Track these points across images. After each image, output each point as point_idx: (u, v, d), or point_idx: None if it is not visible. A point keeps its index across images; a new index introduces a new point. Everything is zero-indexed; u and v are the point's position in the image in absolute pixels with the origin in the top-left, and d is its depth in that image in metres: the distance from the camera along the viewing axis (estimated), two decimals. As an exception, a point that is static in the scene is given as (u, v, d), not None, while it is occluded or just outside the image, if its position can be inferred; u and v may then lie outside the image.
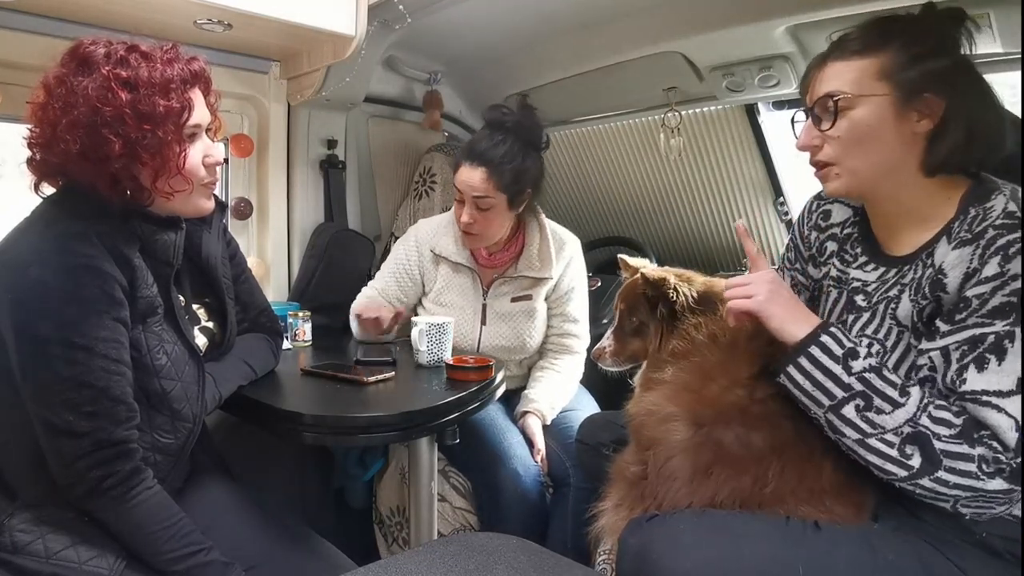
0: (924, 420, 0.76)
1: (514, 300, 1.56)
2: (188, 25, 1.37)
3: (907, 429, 0.76)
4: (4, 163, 1.58)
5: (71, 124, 0.83)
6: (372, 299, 1.58)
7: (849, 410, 0.79)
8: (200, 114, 0.92)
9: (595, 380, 1.77)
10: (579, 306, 1.63)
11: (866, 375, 0.79)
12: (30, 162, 0.89)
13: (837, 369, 0.80)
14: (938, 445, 0.75)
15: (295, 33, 1.44)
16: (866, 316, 0.89)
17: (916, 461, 0.75)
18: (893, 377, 0.79)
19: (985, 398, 0.74)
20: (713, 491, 0.89)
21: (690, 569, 0.79)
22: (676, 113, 1.76)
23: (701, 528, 0.83)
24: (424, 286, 1.60)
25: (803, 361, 0.82)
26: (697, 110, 1.83)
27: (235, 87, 1.68)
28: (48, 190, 0.91)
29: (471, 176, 1.43)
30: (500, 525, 1.39)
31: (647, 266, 1.18)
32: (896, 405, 0.77)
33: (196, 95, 0.92)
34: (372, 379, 1.19)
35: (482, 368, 1.23)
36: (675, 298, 1.05)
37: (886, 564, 0.77)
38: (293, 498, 1.53)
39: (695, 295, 1.05)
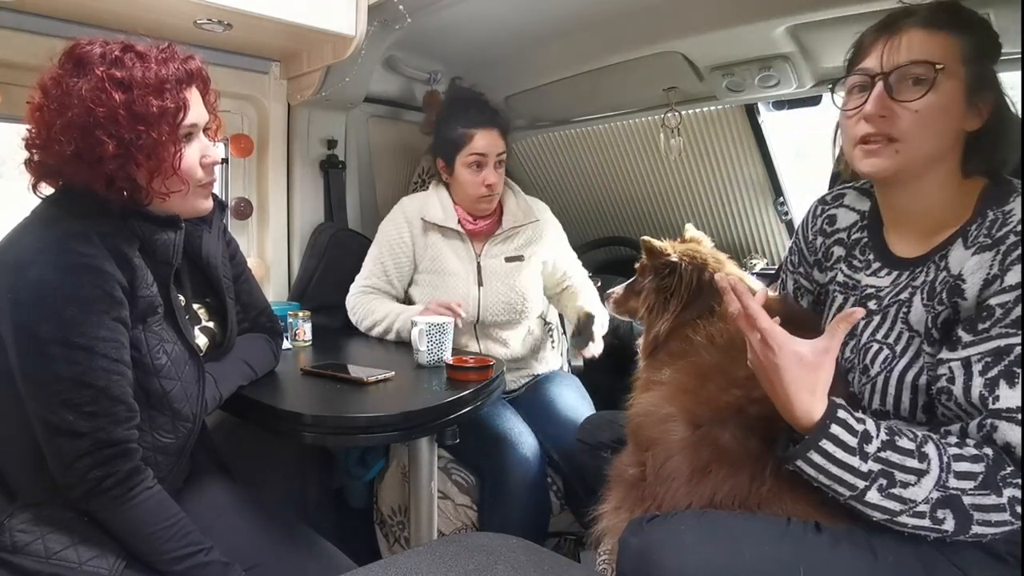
0: (952, 481, 0.71)
1: (508, 260, 1.62)
2: (188, 25, 1.37)
3: (936, 495, 0.72)
4: (4, 163, 1.58)
5: (65, 125, 0.83)
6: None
7: (872, 495, 0.73)
8: (196, 113, 0.92)
9: (595, 380, 1.78)
10: (570, 252, 1.77)
11: (882, 454, 0.73)
12: (28, 163, 0.89)
13: (854, 460, 0.73)
14: (967, 500, 0.71)
15: (295, 33, 1.44)
16: (876, 320, 0.87)
17: (950, 524, 0.72)
18: (907, 444, 0.74)
19: (1021, 416, 0.71)
20: (712, 490, 0.89)
21: (691, 569, 0.79)
22: (676, 113, 1.76)
23: (702, 528, 0.83)
24: (416, 259, 1.63)
25: (814, 456, 0.75)
26: (697, 110, 1.83)
27: (235, 87, 1.68)
28: (47, 190, 0.91)
29: (492, 138, 1.57)
30: (502, 510, 1.40)
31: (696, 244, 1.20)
32: (920, 474, 0.72)
33: (192, 94, 0.92)
34: (372, 379, 1.19)
35: (482, 368, 1.23)
36: (666, 272, 1.10)
37: (887, 565, 0.77)
38: (293, 498, 1.53)
39: (698, 280, 1.09)
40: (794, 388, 0.76)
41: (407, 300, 1.66)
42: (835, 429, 0.74)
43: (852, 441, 0.74)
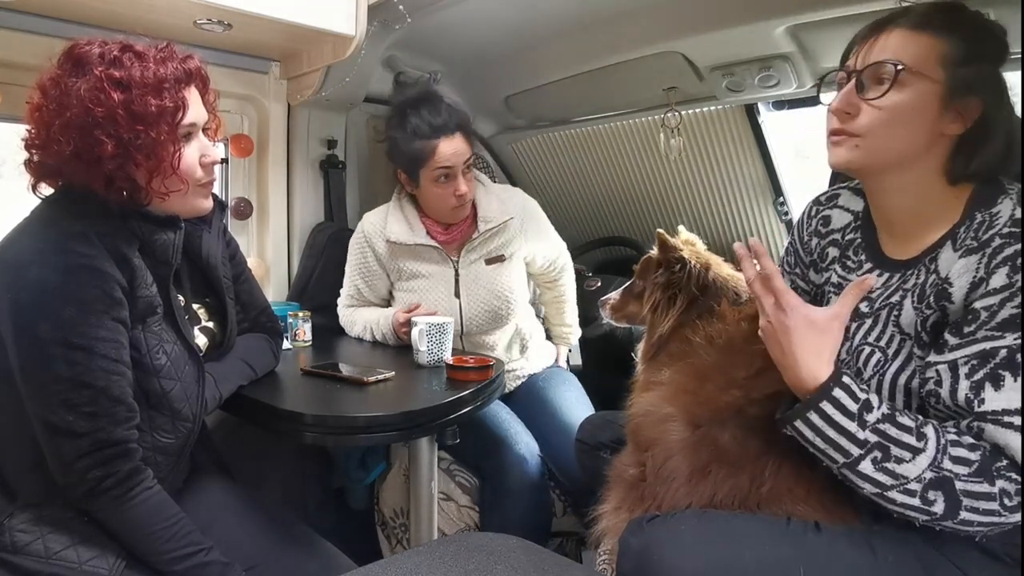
0: (946, 463, 0.71)
1: (488, 262, 1.55)
2: (188, 25, 1.37)
3: (929, 475, 0.71)
4: (4, 163, 1.58)
5: (64, 125, 0.83)
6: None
7: (866, 465, 0.74)
8: (196, 113, 0.92)
9: (594, 380, 1.78)
10: (555, 241, 1.71)
11: (881, 426, 0.73)
12: (27, 163, 0.89)
13: (852, 426, 0.74)
14: (959, 485, 0.71)
15: (295, 33, 1.44)
16: (868, 322, 0.87)
17: (939, 507, 0.71)
18: (907, 421, 0.74)
19: (1007, 419, 0.71)
20: (712, 490, 0.89)
21: (691, 569, 0.79)
22: (676, 113, 1.76)
23: (702, 528, 0.83)
24: (389, 276, 1.59)
25: (813, 417, 0.75)
26: (697, 110, 1.83)
27: (235, 87, 1.68)
28: (47, 190, 0.91)
29: (457, 145, 1.44)
30: (502, 510, 1.40)
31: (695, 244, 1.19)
32: (916, 452, 0.72)
33: (191, 94, 0.92)
34: (372, 379, 1.19)
35: (482, 368, 1.23)
36: (677, 268, 1.08)
37: (887, 565, 0.77)
38: (293, 498, 1.53)
39: (703, 278, 1.08)
40: (802, 351, 0.77)
41: None
42: (838, 392, 0.75)
43: (853, 407, 0.74)
